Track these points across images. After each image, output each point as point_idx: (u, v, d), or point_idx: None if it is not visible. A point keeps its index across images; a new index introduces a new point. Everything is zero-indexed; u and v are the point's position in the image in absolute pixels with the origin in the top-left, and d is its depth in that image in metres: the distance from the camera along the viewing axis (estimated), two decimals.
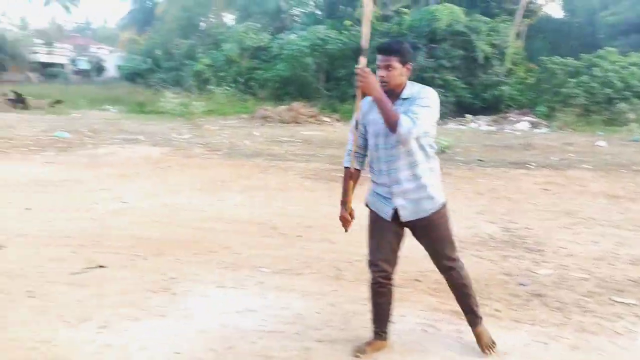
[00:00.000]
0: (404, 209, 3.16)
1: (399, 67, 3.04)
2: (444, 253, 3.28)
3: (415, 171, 3.13)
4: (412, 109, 2.97)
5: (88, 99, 28.33)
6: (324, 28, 29.63)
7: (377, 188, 3.28)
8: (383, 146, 3.14)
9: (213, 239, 5.76)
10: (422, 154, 3.14)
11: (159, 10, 48.12)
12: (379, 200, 3.26)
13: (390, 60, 3.03)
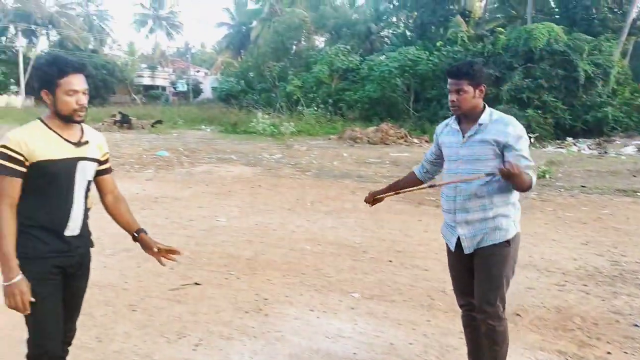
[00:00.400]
0: (466, 239, 2.97)
1: (471, 90, 2.88)
2: (486, 294, 2.92)
3: (486, 201, 2.91)
4: (520, 159, 2.80)
5: (185, 119, 29.83)
6: (415, 49, 29.43)
7: (445, 215, 3.13)
8: (461, 170, 2.95)
9: (303, 260, 5.77)
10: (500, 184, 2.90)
11: (253, 34, 50.05)
12: (446, 229, 3.13)
13: (460, 84, 2.87)
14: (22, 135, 2.36)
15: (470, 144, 2.93)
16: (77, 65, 2.44)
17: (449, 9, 34.66)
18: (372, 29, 40.28)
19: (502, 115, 2.95)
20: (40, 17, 53.87)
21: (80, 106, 2.42)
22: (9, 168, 2.33)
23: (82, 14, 60.65)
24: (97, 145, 2.63)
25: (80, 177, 2.50)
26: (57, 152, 2.41)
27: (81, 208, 2.53)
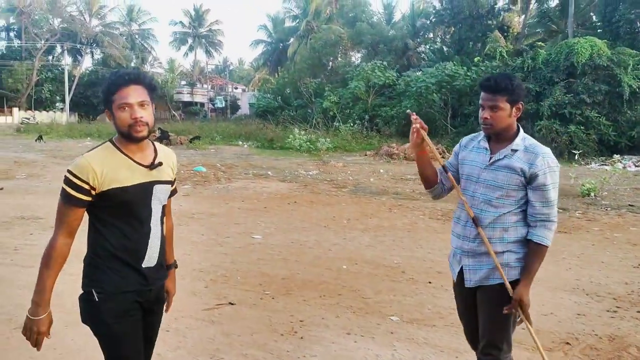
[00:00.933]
0: (469, 271, 2.68)
1: (507, 108, 2.56)
2: (492, 336, 2.64)
3: (498, 233, 2.62)
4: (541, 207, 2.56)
5: (223, 135, 30.16)
6: (452, 64, 29.13)
7: (453, 240, 2.80)
8: (479, 195, 2.65)
9: (340, 280, 5.62)
10: (521, 217, 2.64)
11: (290, 51, 50.58)
12: (452, 256, 2.83)
13: (497, 100, 2.56)
14: (90, 161, 2.17)
15: (496, 169, 2.62)
16: (130, 76, 2.22)
17: (487, 24, 34.26)
18: (409, 45, 40.16)
19: (537, 144, 2.64)
20: (86, 36, 55.80)
21: (136, 120, 2.15)
22: (71, 196, 2.15)
23: (125, 32, 62.46)
24: (170, 167, 2.42)
25: (156, 202, 2.30)
26: (129, 178, 2.21)
27: (158, 236, 2.33)
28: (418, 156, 2.78)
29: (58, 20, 56.23)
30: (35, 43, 54.71)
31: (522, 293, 2.54)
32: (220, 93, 66.02)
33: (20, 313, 4.50)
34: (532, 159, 2.56)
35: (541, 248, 2.56)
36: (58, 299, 4.84)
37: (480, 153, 2.71)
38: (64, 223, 2.19)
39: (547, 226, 2.57)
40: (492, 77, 2.63)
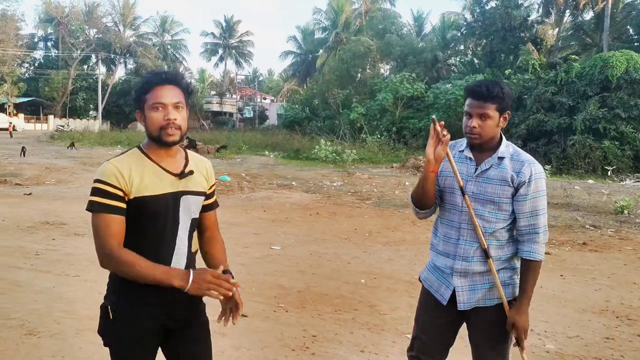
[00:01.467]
0: (463, 293, 2.45)
1: (496, 117, 2.37)
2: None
3: (498, 252, 2.44)
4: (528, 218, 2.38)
5: (250, 144, 30.31)
6: (483, 77, 28.78)
7: (437, 259, 2.55)
8: (465, 209, 2.42)
9: (357, 295, 5.46)
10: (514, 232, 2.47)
11: (319, 62, 50.77)
12: (437, 276, 2.55)
13: (486, 108, 2.35)
14: (116, 165, 1.99)
15: (485, 180, 2.41)
16: (167, 75, 2.04)
17: (519, 36, 33.79)
18: (439, 57, 39.90)
19: (521, 151, 2.47)
20: (119, 46, 57.07)
21: (169, 122, 1.97)
22: (105, 205, 1.94)
23: (157, 43, 63.68)
24: (204, 176, 2.20)
25: (184, 214, 2.08)
26: (155, 186, 2.01)
27: (184, 252, 2.10)
28: (431, 174, 2.40)
29: (94, 30, 57.75)
30: (71, 53, 56.22)
31: (515, 316, 2.36)
32: (249, 103, 66.65)
33: (33, 319, 4.49)
34: (519, 167, 2.38)
35: (534, 264, 2.38)
36: (70, 306, 4.83)
37: (463, 163, 2.48)
38: (109, 236, 1.94)
39: (535, 239, 2.38)
40: (482, 83, 2.41)
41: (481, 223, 2.40)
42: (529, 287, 2.37)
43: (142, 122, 2.06)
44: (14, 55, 53.19)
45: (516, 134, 25.66)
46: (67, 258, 6.54)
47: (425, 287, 2.62)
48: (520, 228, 2.41)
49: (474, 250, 2.42)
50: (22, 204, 10.50)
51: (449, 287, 2.47)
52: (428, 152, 2.37)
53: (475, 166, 2.45)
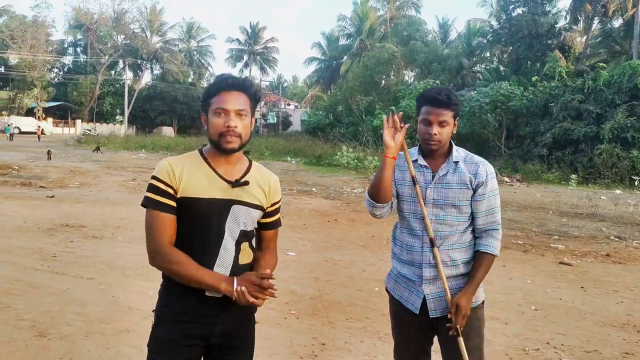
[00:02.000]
0: (433, 300, 2.42)
1: (452, 123, 2.41)
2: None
3: (458, 254, 2.44)
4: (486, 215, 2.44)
5: (272, 150, 30.42)
6: (508, 84, 28.40)
7: (402, 268, 2.52)
8: (430, 216, 2.41)
9: (370, 303, 5.38)
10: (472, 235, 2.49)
11: (343, 69, 50.76)
12: (405, 286, 2.51)
13: (445, 115, 2.37)
14: (170, 161, 1.99)
15: (445, 186, 2.43)
16: (235, 80, 2.00)
17: (546, 43, 33.29)
18: (464, 64, 39.56)
19: (471, 153, 2.53)
20: (146, 52, 57.91)
21: (228, 129, 1.93)
22: (157, 202, 1.94)
23: (183, 49, 64.45)
24: (264, 190, 2.09)
25: (232, 224, 1.99)
26: (204, 189, 1.96)
27: (229, 263, 1.99)
28: (391, 161, 2.37)
29: (121, 36, 58.70)
30: (99, 58, 57.25)
31: (461, 299, 2.34)
32: (272, 109, 66.95)
33: (45, 321, 4.51)
34: (474, 168, 2.43)
35: (489, 258, 2.43)
36: (82, 308, 4.84)
37: (419, 171, 2.47)
38: (160, 235, 1.94)
39: (493, 235, 2.45)
40: (441, 90, 2.41)
41: (443, 228, 2.42)
42: (478, 276, 2.39)
43: (205, 126, 2.02)
44: (44, 61, 54.41)
45: (542, 142, 25.26)
46: (83, 260, 6.59)
47: (395, 297, 2.57)
48: (479, 226, 2.45)
49: (450, 254, 2.42)
50: (44, 206, 10.65)
51: (419, 295, 2.44)
52: (386, 138, 2.36)
53: (431, 173, 2.46)
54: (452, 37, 49.00)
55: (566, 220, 11.51)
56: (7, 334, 4.19)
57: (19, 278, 5.70)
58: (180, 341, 1.97)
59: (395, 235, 2.61)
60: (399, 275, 2.54)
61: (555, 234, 9.80)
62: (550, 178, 22.04)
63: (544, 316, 5.18)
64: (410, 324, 2.51)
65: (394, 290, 2.57)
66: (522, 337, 4.47)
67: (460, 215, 2.43)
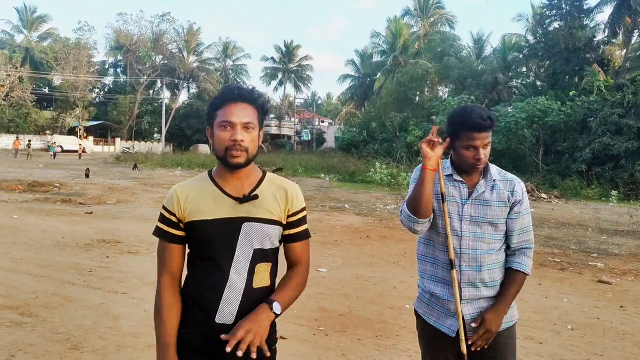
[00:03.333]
0: (471, 321, 2.33)
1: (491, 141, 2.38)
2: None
3: (496, 274, 2.37)
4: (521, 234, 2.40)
5: (305, 167, 30.56)
6: (545, 99, 27.92)
7: (435, 287, 2.41)
8: (467, 234, 2.34)
9: (400, 320, 5.31)
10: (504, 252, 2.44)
11: (376, 85, 50.86)
12: (440, 310, 2.40)
13: (489, 137, 2.32)
14: (177, 189, 1.93)
15: (483, 203, 2.36)
16: (241, 91, 1.89)
17: (584, 57, 32.65)
18: (499, 79, 39.09)
19: (502, 170, 2.49)
20: (183, 71, 59.23)
21: (235, 142, 1.82)
22: (164, 232, 1.92)
23: (219, 68, 65.67)
24: (278, 202, 1.96)
25: (244, 243, 1.88)
26: (209, 210, 1.87)
27: (240, 288, 1.87)
28: (431, 173, 2.30)
29: (159, 57, 60.21)
30: (138, 78, 58.84)
31: (489, 313, 2.31)
32: (306, 126, 67.37)
33: (78, 334, 4.61)
34: (510, 186, 2.40)
35: (521, 277, 2.39)
36: (115, 322, 4.93)
37: (454, 186, 2.41)
38: (162, 264, 1.94)
39: (527, 253, 2.42)
40: (481, 113, 2.29)
41: (480, 246, 2.35)
42: (510, 295, 2.36)
43: (211, 140, 1.92)
44: (86, 81, 56.20)
45: (581, 157, 24.70)
46: (117, 275, 6.72)
47: (425, 320, 2.46)
48: (513, 244, 2.41)
49: (479, 275, 2.34)
50: (82, 222, 10.93)
51: (456, 316, 2.32)
52: (426, 149, 2.32)
53: (467, 189, 2.40)
54: (486, 52, 48.54)
55: (606, 238, 11.17)
56: (43, 346, 4.30)
57: (56, 292, 5.85)
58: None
59: (425, 253, 2.49)
60: (432, 297, 2.43)
61: (594, 251, 9.51)
62: (590, 194, 21.47)
63: (580, 336, 5.02)
64: (445, 349, 2.37)
65: (428, 315, 2.45)
66: (557, 357, 4.34)
67: (496, 233, 2.37)
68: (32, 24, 61.48)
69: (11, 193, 15.88)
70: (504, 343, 2.34)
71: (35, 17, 61.62)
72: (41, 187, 17.55)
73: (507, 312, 2.35)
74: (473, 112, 2.31)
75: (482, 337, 2.26)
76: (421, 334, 2.52)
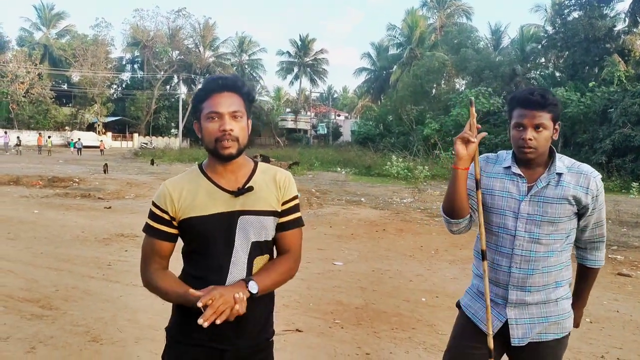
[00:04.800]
0: (518, 327, 2.17)
1: (551, 127, 2.11)
2: None
3: (553, 278, 2.17)
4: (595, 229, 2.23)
5: (322, 161, 30.54)
6: (564, 90, 27.54)
7: (482, 285, 2.25)
8: (522, 233, 2.15)
9: (416, 313, 5.30)
10: (570, 253, 2.24)
11: (393, 78, 50.61)
12: (483, 305, 2.24)
13: (542, 117, 2.07)
14: (168, 186, 1.89)
15: (542, 199, 2.13)
16: (225, 81, 1.85)
17: (604, 47, 32.11)
18: (517, 71, 38.62)
19: (575, 161, 2.21)
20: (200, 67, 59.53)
21: (224, 133, 1.78)
22: (153, 229, 1.89)
23: (235, 63, 65.89)
24: (273, 191, 1.93)
25: (241, 237, 1.85)
26: (205, 206, 1.84)
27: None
28: (463, 172, 2.15)
29: (176, 52, 60.55)
30: (155, 74, 59.27)
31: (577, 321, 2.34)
32: (323, 120, 67.34)
33: (98, 327, 4.67)
34: (584, 181, 2.12)
35: (595, 272, 2.34)
36: (133, 315, 4.99)
37: (512, 181, 2.19)
38: (149, 261, 1.90)
39: (600, 247, 2.30)
40: (534, 90, 2.12)
41: (537, 248, 2.14)
42: (586, 293, 2.34)
43: (199, 134, 1.88)
44: (104, 77, 56.78)
45: (601, 149, 24.36)
46: (135, 269, 6.74)
47: (467, 315, 2.33)
48: (585, 238, 2.28)
49: (530, 279, 2.15)
50: (101, 216, 11.06)
51: (500, 317, 2.20)
52: (459, 148, 2.12)
53: (527, 184, 2.17)
54: (504, 44, 48.02)
55: (626, 230, 11.02)
56: (64, 338, 4.37)
57: (76, 285, 5.94)
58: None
59: (479, 250, 2.31)
60: (478, 293, 2.31)
61: (614, 244, 9.39)
62: (610, 186, 21.16)
63: (599, 329, 4.97)
64: (478, 347, 2.23)
65: (468, 307, 2.33)
66: (575, 350, 4.29)
67: (557, 233, 2.14)
68: (50, 21, 62.18)
69: (32, 188, 16.14)
70: (550, 354, 2.20)
71: (53, 14, 62.30)
72: (61, 183, 17.80)
73: (558, 328, 2.20)
74: (527, 88, 2.17)
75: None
76: (456, 327, 2.41)
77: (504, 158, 2.27)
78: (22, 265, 6.75)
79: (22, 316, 4.88)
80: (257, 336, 1.92)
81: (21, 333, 4.47)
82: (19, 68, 51.51)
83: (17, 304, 5.22)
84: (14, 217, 10.44)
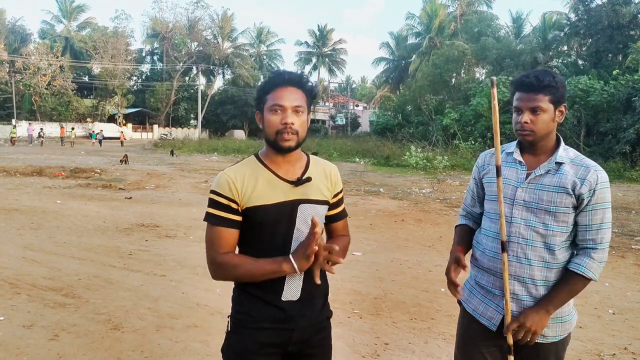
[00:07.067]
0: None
1: (551, 110, 2.06)
2: None
3: (554, 273, 2.08)
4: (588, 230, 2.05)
5: (340, 151, 30.50)
6: (587, 78, 27.05)
7: (481, 277, 2.23)
8: (518, 220, 2.10)
9: (435, 304, 5.27)
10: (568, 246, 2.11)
11: (412, 68, 50.19)
12: (481, 298, 2.22)
13: (538, 100, 2.04)
14: (229, 174, 1.92)
15: (538, 187, 2.09)
16: (291, 76, 1.91)
17: (629, 34, 31.41)
18: (539, 59, 38.00)
19: (583, 156, 2.13)
20: (218, 58, 59.67)
21: (286, 125, 1.84)
22: (219, 217, 1.90)
23: (254, 54, 65.92)
24: (326, 183, 2.03)
25: (301, 225, 1.93)
26: (270, 195, 1.89)
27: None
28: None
29: (195, 43, 60.74)
30: (174, 65, 59.57)
31: (532, 313, 2.04)
32: (341, 110, 67.14)
33: (119, 315, 4.73)
34: (583, 173, 2.05)
35: (578, 280, 2.05)
36: (154, 304, 5.04)
37: (512, 167, 2.17)
38: (218, 248, 1.91)
39: (590, 254, 2.05)
40: (531, 72, 2.10)
41: (533, 236, 2.08)
42: (558, 297, 2.04)
43: (260, 124, 1.95)
44: (124, 69, 57.27)
45: (624, 138, 23.89)
46: (156, 258, 6.86)
47: (467, 310, 2.28)
48: (578, 242, 2.10)
49: (529, 269, 2.08)
50: (122, 207, 11.19)
51: (499, 310, 2.14)
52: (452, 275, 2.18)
53: (526, 171, 2.14)
54: (526, 32, 47.23)
55: None
56: (85, 326, 4.44)
57: (98, 274, 6.02)
58: (256, 350, 1.92)
59: (477, 239, 2.31)
60: (476, 285, 2.27)
61: (638, 234, 9.23)
62: (634, 176, 20.79)
63: (622, 320, 4.90)
64: (481, 344, 2.19)
65: (467, 301, 2.29)
66: (598, 342, 4.24)
67: (556, 225, 2.06)
68: (71, 13, 62.83)
69: (55, 179, 16.39)
70: (552, 351, 2.13)
71: (74, 7, 62.93)
72: (83, 174, 18.05)
73: (560, 327, 2.12)
74: (526, 72, 2.13)
75: (521, 334, 2.04)
76: (459, 324, 2.37)
77: (509, 145, 2.28)
78: (46, 255, 6.87)
79: (46, 304, 4.96)
80: (319, 314, 2.02)
81: (44, 321, 4.55)
82: (41, 60, 52.22)
83: (41, 293, 5.31)
84: (37, 207, 10.61)
